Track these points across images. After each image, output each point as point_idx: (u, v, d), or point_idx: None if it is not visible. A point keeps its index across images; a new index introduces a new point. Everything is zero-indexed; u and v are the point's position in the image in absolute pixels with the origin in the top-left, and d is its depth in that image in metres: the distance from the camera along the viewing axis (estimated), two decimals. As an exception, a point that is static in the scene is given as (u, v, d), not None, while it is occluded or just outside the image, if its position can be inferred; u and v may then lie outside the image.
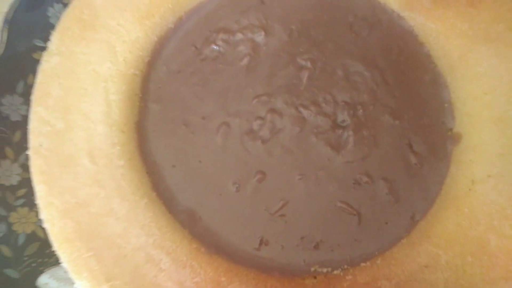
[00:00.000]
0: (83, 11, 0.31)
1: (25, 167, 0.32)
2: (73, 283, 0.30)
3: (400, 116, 0.30)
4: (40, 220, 0.31)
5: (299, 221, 0.28)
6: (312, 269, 0.27)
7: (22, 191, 0.32)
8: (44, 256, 0.31)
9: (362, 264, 0.27)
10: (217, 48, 0.32)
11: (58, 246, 0.26)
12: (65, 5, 0.35)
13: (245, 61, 0.32)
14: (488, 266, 0.26)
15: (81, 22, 0.30)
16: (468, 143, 0.29)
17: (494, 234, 0.26)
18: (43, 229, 0.31)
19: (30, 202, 0.31)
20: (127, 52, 0.30)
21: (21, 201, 0.31)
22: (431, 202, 0.28)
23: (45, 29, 0.35)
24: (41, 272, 0.30)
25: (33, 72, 0.34)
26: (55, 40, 0.30)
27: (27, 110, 0.33)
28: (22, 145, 0.32)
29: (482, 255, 0.26)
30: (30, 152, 0.28)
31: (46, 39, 0.34)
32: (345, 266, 0.27)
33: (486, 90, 0.29)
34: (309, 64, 0.31)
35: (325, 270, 0.27)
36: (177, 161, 0.29)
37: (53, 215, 0.26)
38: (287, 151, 0.29)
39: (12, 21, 0.34)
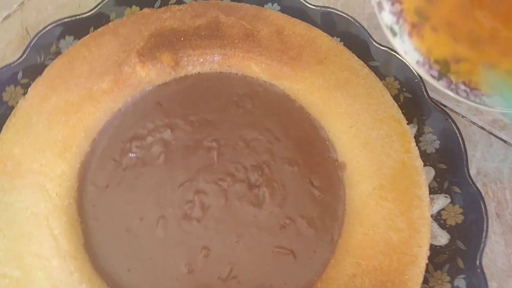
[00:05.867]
0: (6, 164, 0.34)
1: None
2: None
3: (296, 162, 0.37)
4: None
5: (248, 275, 0.33)
6: (270, 310, 0.32)
7: None
8: None
9: (307, 291, 0.33)
10: (134, 155, 0.37)
11: None
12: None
13: (161, 158, 0.37)
14: (396, 257, 0.33)
15: (8, 174, 0.33)
16: (351, 168, 0.36)
17: (392, 231, 0.34)
18: None
19: None
20: (57, 187, 0.34)
21: None
22: (341, 221, 0.35)
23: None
24: None
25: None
26: (-13, 198, 0.33)
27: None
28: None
29: (389, 251, 0.33)
30: (-5, 307, 0.31)
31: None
32: (295, 298, 0.33)
33: (350, 124, 0.37)
34: (214, 144, 0.37)
35: (280, 306, 0.32)
36: (130, 264, 0.33)
37: None
38: (220, 221, 0.35)
39: None
